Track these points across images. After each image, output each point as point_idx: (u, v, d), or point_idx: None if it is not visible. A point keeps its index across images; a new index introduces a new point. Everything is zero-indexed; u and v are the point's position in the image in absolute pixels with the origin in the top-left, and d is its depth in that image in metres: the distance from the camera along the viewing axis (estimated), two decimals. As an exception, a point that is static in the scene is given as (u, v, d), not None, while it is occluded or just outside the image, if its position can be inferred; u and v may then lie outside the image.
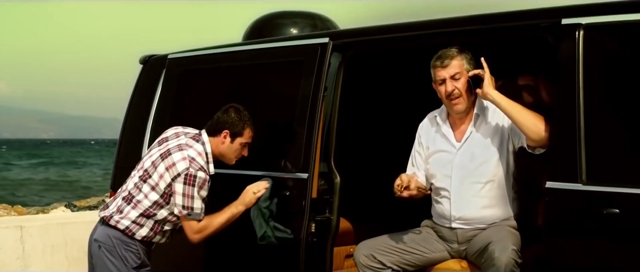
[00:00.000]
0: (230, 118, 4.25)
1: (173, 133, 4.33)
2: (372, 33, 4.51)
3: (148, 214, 4.16)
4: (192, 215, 4.12)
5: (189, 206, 4.10)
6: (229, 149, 4.26)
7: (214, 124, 4.27)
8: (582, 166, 3.46)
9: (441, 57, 4.02)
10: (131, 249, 4.17)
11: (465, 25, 4.16)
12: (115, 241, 4.15)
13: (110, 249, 4.15)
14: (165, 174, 4.12)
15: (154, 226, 4.20)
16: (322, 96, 4.37)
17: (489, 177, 3.98)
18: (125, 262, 4.15)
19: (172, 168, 4.10)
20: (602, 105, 3.51)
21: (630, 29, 3.48)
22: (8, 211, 10.14)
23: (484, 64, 3.90)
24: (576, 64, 3.55)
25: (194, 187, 4.08)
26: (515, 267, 3.67)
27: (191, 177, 4.07)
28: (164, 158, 4.15)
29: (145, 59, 5.58)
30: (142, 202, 4.16)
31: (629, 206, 3.32)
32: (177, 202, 4.11)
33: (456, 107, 4.02)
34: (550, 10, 3.79)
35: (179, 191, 4.08)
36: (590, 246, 3.45)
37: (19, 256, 6.75)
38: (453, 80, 3.98)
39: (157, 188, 4.14)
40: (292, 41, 4.83)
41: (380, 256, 4.04)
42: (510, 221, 4.00)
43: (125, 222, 4.15)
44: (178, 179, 4.08)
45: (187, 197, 4.09)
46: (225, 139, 4.24)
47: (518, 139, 3.92)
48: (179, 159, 4.12)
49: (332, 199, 4.41)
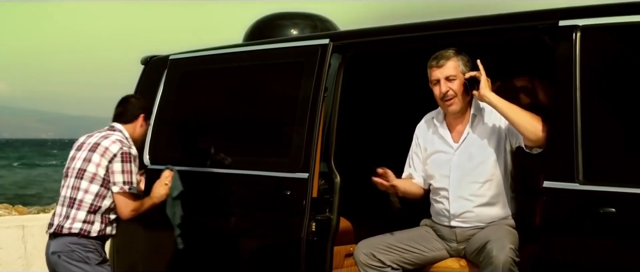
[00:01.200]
0: (142, 104, 4.63)
1: (85, 136, 4.56)
2: (372, 34, 4.55)
3: (94, 209, 4.33)
4: (132, 189, 4.36)
5: (129, 181, 4.35)
6: (144, 132, 4.62)
7: (129, 112, 4.55)
8: (579, 165, 3.49)
9: (437, 57, 4.06)
10: (90, 249, 4.32)
11: (464, 26, 4.19)
12: (73, 246, 4.30)
13: (71, 255, 4.29)
14: (102, 160, 4.34)
15: (103, 218, 4.36)
16: (322, 97, 4.40)
17: (487, 177, 4.00)
18: (88, 261, 4.30)
19: (107, 152, 4.35)
20: (598, 106, 3.54)
21: (626, 30, 3.51)
22: (9, 211, 10.15)
23: (480, 66, 3.93)
24: (573, 65, 3.58)
25: (131, 163, 4.37)
26: (512, 266, 3.69)
27: (127, 155, 4.36)
28: (94, 150, 4.38)
29: (146, 59, 5.60)
30: (85, 199, 4.33)
31: (625, 205, 3.34)
32: (116, 180, 4.33)
33: (450, 108, 4.06)
34: (547, 12, 3.82)
35: (118, 169, 4.33)
36: (587, 245, 3.48)
37: (21, 255, 6.82)
38: (447, 82, 4.01)
39: (97, 178, 4.34)
40: (292, 42, 4.86)
41: (380, 254, 4.06)
42: (508, 220, 4.02)
43: (77, 225, 4.30)
44: (115, 159, 4.33)
45: (127, 173, 4.35)
46: (144, 122, 4.59)
47: (515, 139, 3.95)
48: (110, 144, 4.38)
49: (332, 198, 4.43)
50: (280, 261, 4.46)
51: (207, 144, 5.02)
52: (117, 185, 4.34)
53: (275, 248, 4.51)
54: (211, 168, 4.89)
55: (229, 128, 4.99)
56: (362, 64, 4.84)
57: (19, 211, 10.40)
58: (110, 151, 4.35)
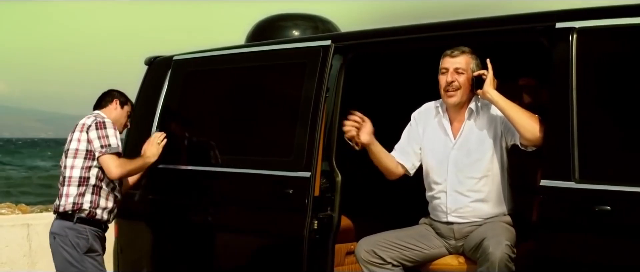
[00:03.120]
0: (116, 91, 4.98)
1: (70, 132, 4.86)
2: (373, 36, 4.60)
3: (82, 182, 4.66)
4: (111, 149, 4.63)
5: (106, 144, 4.64)
6: (119, 115, 4.90)
7: (104, 97, 4.94)
8: (575, 164, 3.55)
9: (454, 48, 4.13)
10: (82, 236, 4.63)
11: (464, 28, 4.24)
12: (68, 231, 4.62)
13: (64, 240, 4.63)
14: (81, 134, 4.70)
15: (94, 189, 4.66)
16: (324, 97, 4.44)
17: (484, 173, 4.05)
18: (77, 249, 4.61)
19: (83, 127, 4.72)
20: (594, 106, 3.60)
21: (621, 32, 3.57)
22: (12, 210, 10.16)
23: (489, 65, 3.99)
24: (570, 66, 3.64)
25: (106, 128, 4.67)
26: (509, 262, 3.75)
27: (101, 123, 4.69)
28: (74, 130, 4.76)
29: (150, 60, 5.62)
30: (73, 174, 4.67)
31: (620, 203, 3.41)
32: (95, 146, 4.64)
33: (450, 99, 4.11)
34: (545, 14, 3.89)
35: (94, 136, 4.65)
36: (582, 242, 3.54)
37: (26, 253, 6.86)
38: (455, 73, 4.08)
39: (79, 152, 4.68)
40: (295, 44, 4.89)
41: (380, 251, 4.10)
42: (505, 216, 4.07)
43: (70, 200, 4.64)
44: (90, 128, 4.68)
45: (102, 137, 4.64)
46: (117, 106, 4.90)
47: (511, 137, 3.99)
48: (85, 119, 4.77)
49: (334, 197, 4.47)
50: (283, 258, 4.50)
51: (211, 143, 5.05)
52: (96, 150, 4.64)
53: (278, 245, 4.54)
54: (215, 167, 4.94)
55: (232, 128, 5.03)
56: (363, 65, 4.89)
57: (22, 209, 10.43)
58: (86, 124, 4.72)
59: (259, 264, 4.67)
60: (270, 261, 4.61)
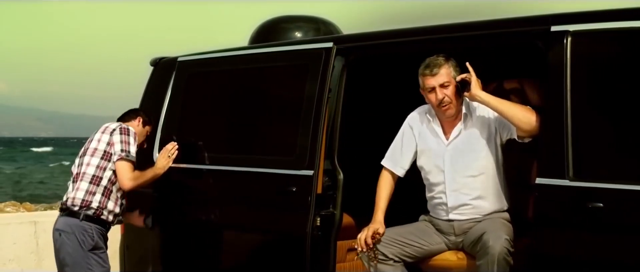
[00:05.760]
0: (142, 111, 5.17)
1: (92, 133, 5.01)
2: (374, 38, 4.66)
3: (95, 180, 4.76)
4: (129, 156, 4.77)
5: (127, 149, 4.78)
6: (140, 132, 5.04)
7: (129, 113, 5.12)
8: (569, 163, 3.63)
9: (430, 65, 4.13)
10: (88, 233, 4.71)
11: (462, 31, 4.31)
12: (74, 228, 4.70)
13: (69, 236, 4.71)
14: (103, 136, 4.85)
15: (104, 191, 4.76)
16: (326, 98, 4.49)
17: (481, 170, 4.12)
18: (83, 246, 4.70)
19: (108, 129, 4.88)
20: (588, 107, 3.68)
21: (614, 35, 3.65)
22: (17, 208, 10.17)
23: (469, 68, 4.04)
24: (564, 68, 3.71)
25: (129, 135, 4.84)
26: (507, 256, 3.82)
27: (125, 129, 4.86)
28: (97, 132, 4.90)
29: (155, 61, 5.66)
30: (87, 171, 4.78)
31: (612, 200, 3.49)
32: (116, 149, 4.78)
33: (447, 112, 4.15)
34: (540, 18, 3.96)
35: (117, 140, 4.80)
36: (576, 238, 3.62)
37: (33, 250, 6.91)
38: (442, 88, 4.10)
39: (97, 151, 4.81)
40: (297, 46, 4.93)
41: (382, 248, 4.15)
42: (503, 213, 4.15)
43: (80, 195, 4.73)
44: (114, 133, 4.83)
45: (125, 143, 4.80)
46: (139, 124, 5.07)
47: (506, 132, 4.06)
48: (110, 124, 4.95)
49: (336, 194, 4.51)
50: (287, 255, 4.56)
51: (215, 143, 5.10)
52: (116, 154, 4.77)
53: (281, 243, 4.60)
54: (219, 166, 4.98)
55: (237, 128, 5.08)
56: (365, 67, 4.95)
57: (27, 208, 10.45)
58: (110, 127, 4.89)
59: (263, 260, 4.73)
60: (274, 257, 4.67)
